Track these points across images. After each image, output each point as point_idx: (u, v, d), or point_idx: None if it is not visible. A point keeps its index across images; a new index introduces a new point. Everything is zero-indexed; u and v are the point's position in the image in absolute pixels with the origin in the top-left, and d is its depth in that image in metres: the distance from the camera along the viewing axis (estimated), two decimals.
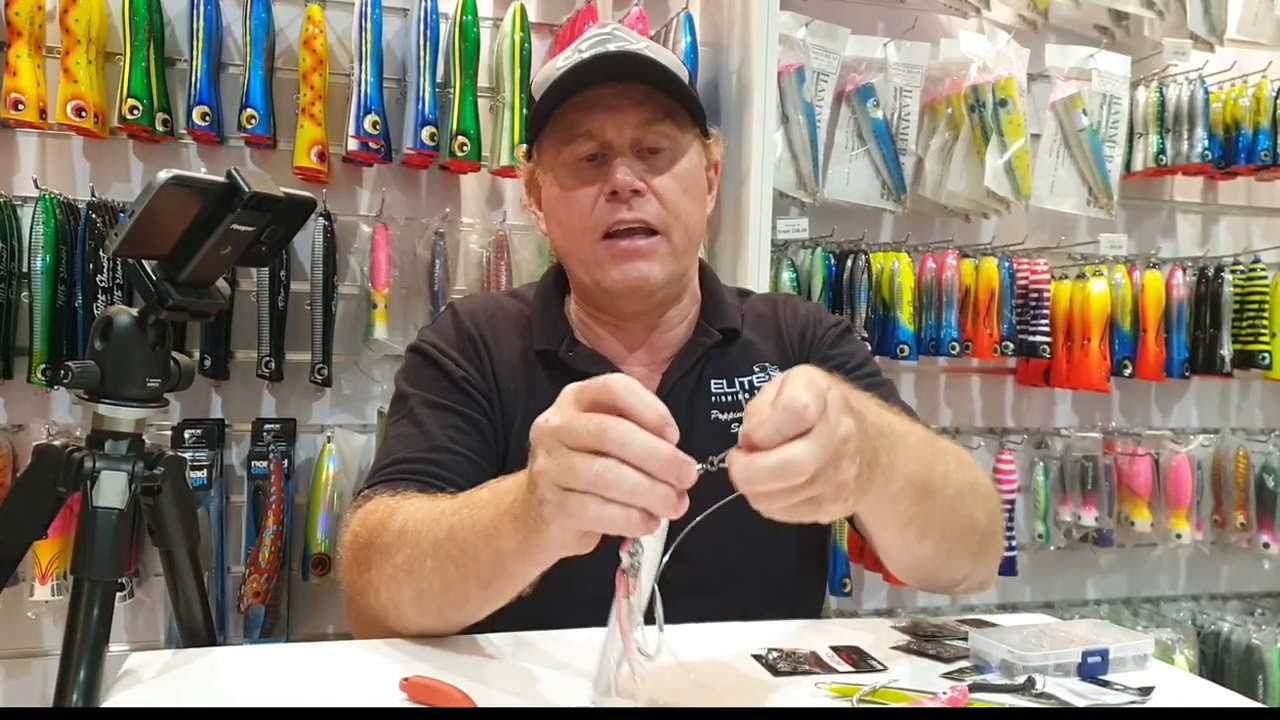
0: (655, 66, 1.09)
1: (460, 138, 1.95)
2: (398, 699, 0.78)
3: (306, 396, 2.07)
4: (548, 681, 0.83)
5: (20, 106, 1.77)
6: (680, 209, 1.11)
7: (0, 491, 1.80)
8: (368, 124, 1.90)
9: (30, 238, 1.81)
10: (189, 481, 1.19)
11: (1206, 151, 2.31)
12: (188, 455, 1.84)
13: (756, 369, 1.18)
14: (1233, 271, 2.34)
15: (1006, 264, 2.21)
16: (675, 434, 0.69)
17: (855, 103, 2.16)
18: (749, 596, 1.10)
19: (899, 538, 0.95)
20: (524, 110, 1.95)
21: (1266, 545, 2.37)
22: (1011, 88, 2.14)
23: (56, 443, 0.93)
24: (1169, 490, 2.37)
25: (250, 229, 0.89)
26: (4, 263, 1.80)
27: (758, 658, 0.88)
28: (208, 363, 1.92)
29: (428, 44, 1.95)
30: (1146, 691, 0.82)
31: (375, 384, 2.09)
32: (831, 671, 0.86)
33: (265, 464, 1.92)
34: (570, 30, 2.04)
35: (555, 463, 0.70)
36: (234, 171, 0.86)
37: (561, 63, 1.10)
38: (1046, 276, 2.25)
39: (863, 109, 2.15)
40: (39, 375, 1.81)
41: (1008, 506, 2.25)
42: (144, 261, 0.88)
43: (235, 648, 1.38)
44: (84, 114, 1.80)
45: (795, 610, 1.08)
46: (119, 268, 1.82)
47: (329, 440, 1.99)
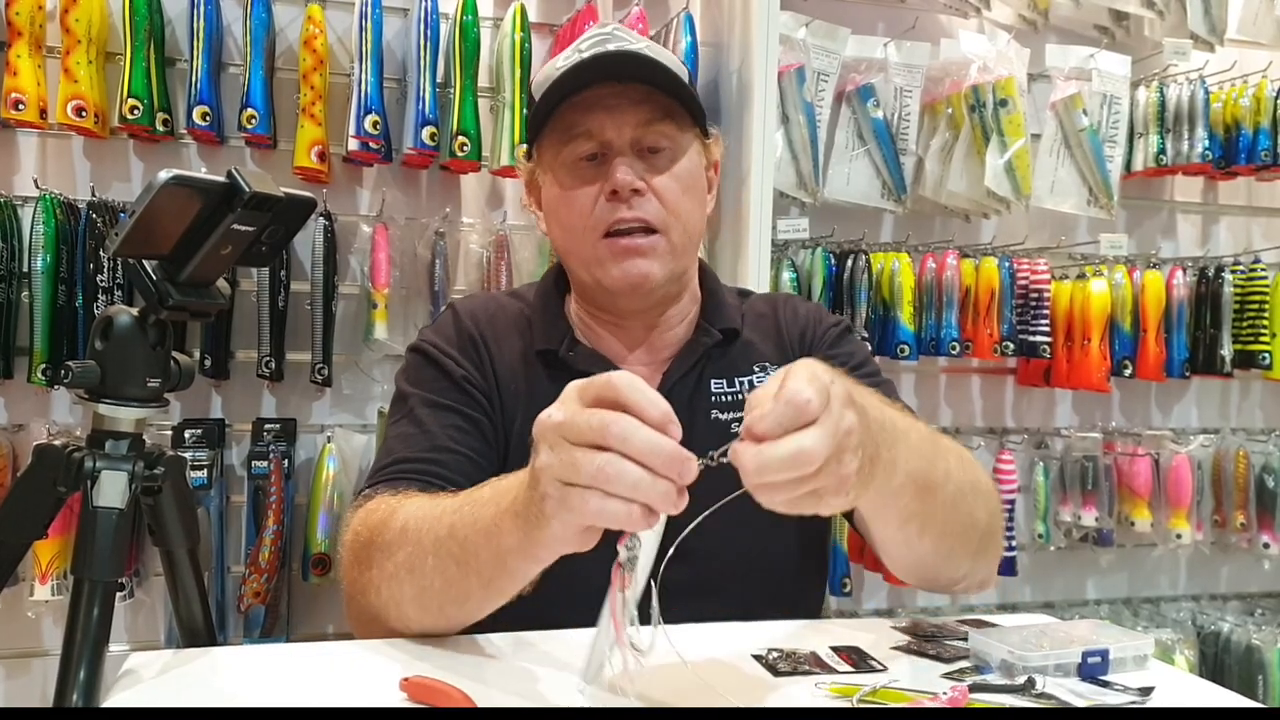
0: (655, 66, 1.09)
1: (460, 138, 1.96)
2: (398, 699, 0.78)
3: (307, 396, 2.07)
4: (548, 681, 0.83)
5: (21, 106, 1.77)
6: (680, 208, 1.11)
7: (0, 491, 1.80)
8: (368, 124, 1.90)
9: (30, 237, 1.81)
10: (189, 481, 1.19)
11: (1207, 151, 2.31)
12: (188, 455, 1.84)
13: (756, 369, 1.18)
14: (1233, 271, 2.34)
15: (1007, 264, 2.21)
16: (678, 431, 0.69)
17: (855, 103, 2.16)
18: (749, 596, 1.10)
19: (899, 534, 0.95)
20: (524, 110, 1.95)
21: (1266, 545, 2.36)
22: (1012, 88, 2.14)
23: (57, 442, 0.93)
24: (1169, 490, 2.37)
25: (251, 229, 0.89)
26: (4, 262, 1.80)
27: (758, 658, 0.88)
28: (208, 362, 1.92)
29: (428, 44, 1.95)
30: (1146, 692, 0.82)
31: (375, 384, 2.09)
32: (831, 671, 0.86)
33: (265, 464, 1.92)
34: (570, 30, 2.04)
35: (558, 458, 0.70)
36: (234, 171, 0.86)
37: (561, 62, 1.10)
38: (1047, 276, 2.24)
39: (863, 109, 2.16)
40: (39, 375, 1.81)
41: (1008, 507, 2.25)
42: (144, 261, 0.88)
43: (235, 648, 1.38)
44: (84, 114, 1.80)
45: (795, 610, 1.08)
46: (119, 267, 1.82)
47: (329, 440, 2.00)
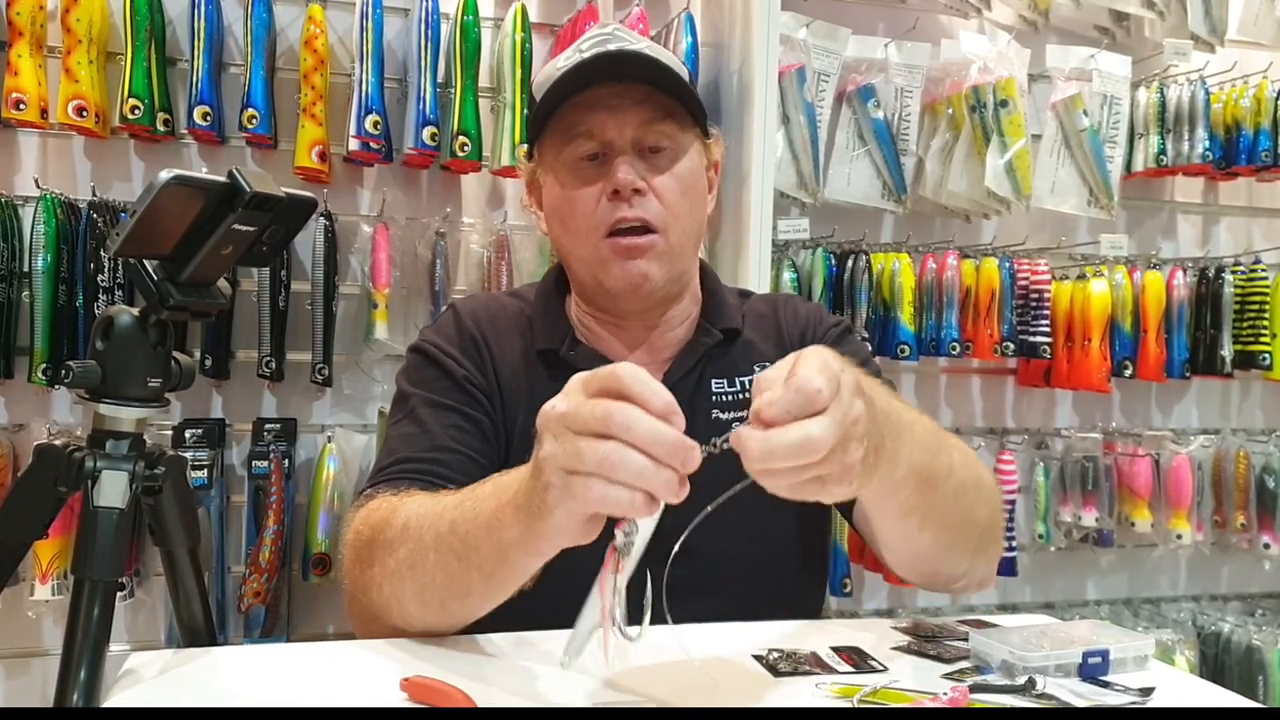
0: (656, 66, 1.09)
1: (461, 138, 1.95)
2: (398, 699, 0.78)
3: (307, 396, 2.07)
4: (548, 681, 0.83)
5: (21, 106, 1.77)
6: (680, 208, 1.11)
7: (0, 491, 1.80)
8: (369, 124, 1.90)
9: (31, 237, 1.81)
10: (189, 481, 1.19)
11: (1207, 152, 2.31)
12: (188, 455, 1.84)
13: (757, 369, 1.18)
14: (1233, 272, 2.34)
15: (1007, 264, 2.21)
16: (681, 421, 0.70)
17: (856, 103, 2.16)
18: (749, 596, 1.10)
19: (899, 526, 0.95)
20: (525, 110, 1.95)
21: (1267, 546, 2.36)
22: (1012, 88, 2.14)
23: (57, 442, 0.93)
24: (1169, 491, 2.37)
25: (251, 229, 0.89)
26: (5, 262, 1.80)
27: (758, 658, 0.88)
28: (208, 362, 1.92)
29: (429, 44, 1.95)
30: (1147, 692, 0.82)
31: (376, 384, 2.09)
32: (832, 672, 0.86)
33: (266, 464, 1.92)
34: (571, 30, 2.04)
35: (561, 447, 0.70)
36: (235, 171, 0.86)
37: (562, 62, 1.10)
38: (1047, 277, 2.25)
39: (863, 109, 2.16)
40: (40, 375, 1.81)
41: (1008, 507, 2.25)
42: (145, 261, 0.88)
43: (235, 648, 1.38)
44: (85, 114, 1.80)
45: (796, 610, 1.08)
46: (120, 267, 1.82)
47: (329, 440, 2.00)
